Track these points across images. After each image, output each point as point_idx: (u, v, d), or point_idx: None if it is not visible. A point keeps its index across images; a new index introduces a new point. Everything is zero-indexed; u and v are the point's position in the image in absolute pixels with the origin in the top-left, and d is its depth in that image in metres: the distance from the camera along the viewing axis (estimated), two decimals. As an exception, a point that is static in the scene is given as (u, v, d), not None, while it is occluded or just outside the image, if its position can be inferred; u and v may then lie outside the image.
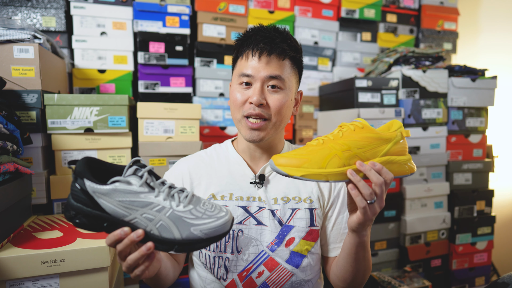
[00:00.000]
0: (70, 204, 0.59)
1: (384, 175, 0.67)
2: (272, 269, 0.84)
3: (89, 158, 0.62)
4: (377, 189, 0.66)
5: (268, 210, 0.86)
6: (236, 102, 0.84)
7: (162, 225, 0.58)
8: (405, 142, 0.73)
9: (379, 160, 0.69)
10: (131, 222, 0.59)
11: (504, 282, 0.89)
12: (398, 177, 0.71)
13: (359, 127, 0.70)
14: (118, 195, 0.58)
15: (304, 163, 0.66)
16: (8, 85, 1.08)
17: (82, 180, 0.58)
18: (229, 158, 0.93)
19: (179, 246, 0.59)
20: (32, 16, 1.44)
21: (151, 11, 1.55)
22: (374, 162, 0.68)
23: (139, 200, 0.58)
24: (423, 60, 1.68)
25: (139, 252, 0.59)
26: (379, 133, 0.70)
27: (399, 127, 0.72)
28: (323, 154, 0.67)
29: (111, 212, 0.58)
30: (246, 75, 0.82)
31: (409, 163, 0.72)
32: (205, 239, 0.59)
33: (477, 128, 1.74)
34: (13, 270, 0.80)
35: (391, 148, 0.70)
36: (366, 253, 0.80)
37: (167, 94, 1.61)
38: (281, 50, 0.82)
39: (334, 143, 0.68)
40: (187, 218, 0.59)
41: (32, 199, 1.12)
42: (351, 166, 0.68)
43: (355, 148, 0.68)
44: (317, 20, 1.84)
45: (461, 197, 1.71)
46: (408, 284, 1.47)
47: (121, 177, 0.59)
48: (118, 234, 0.58)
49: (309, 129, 1.87)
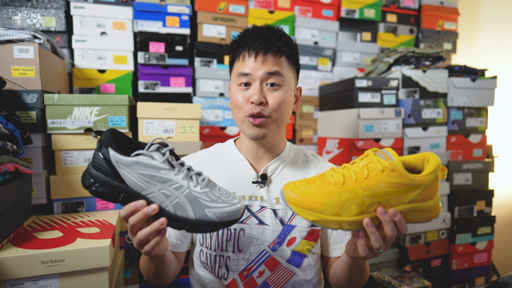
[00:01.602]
0: (90, 172, 0.61)
1: (400, 228, 0.61)
2: (273, 268, 0.84)
3: (114, 131, 0.64)
4: (387, 240, 0.62)
5: (270, 210, 0.86)
6: (238, 104, 0.84)
7: (178, 202, 0.60)
8: (438, 182, 0.62)
9: (403, 208, 0.60)
10: (148, 197, 0.60)
11: (504, 282, 0.89)
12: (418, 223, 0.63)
13: (388, 169, 0.59)
14: (140, 168, 0.59)
15: (319, 207, 0.59)
16: (8, 85, 1.08)
17: (106, 149, 0.60)
18: (232, 157, 0.93)
19: (191, 225, 0.60)
20: (32, 16, 1.44)
21: (151, 11, 1.55)
22: (396, 211, 0.59)
23: (159, 175, 0.60)
24: (423, 60, 1.68)
25: (151, 227, 0.60)
26: (411, 179, 0.59)
27: (436, 168, 0.60)
28: (341, 199, 0.59)
29: (131, 183, 0.60)
30: (244, 74, 0.82)
31: (434, 208, 0.62)
32: (217, 222, 0.60)
33: (477, 128, 1.74)
34: (13, 270, 0.79)
35: (421, 193, 0.60)
36: (362, 270, 0.81)
37: (167, 94, 1.60)
38: (277, 48, 0.82)
39: (356, 185, 0.60)
40: (202, 199, 0.60)
41: (32, 199, 1.12)
42: (369, 213, 0.60)
43: (379, 195, 0.59)
44: (317, 20, 1.84)
45: (461, 197, 1.71)
46: (408, 284, 1.47)
47: (145, 151, 0.61)
48: (134, 206, 0.59)
49: (309, 129, 1.87)
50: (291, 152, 0.95)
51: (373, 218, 0.60)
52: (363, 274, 0.83)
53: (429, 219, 0.63)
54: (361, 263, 0.78)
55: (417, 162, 0.65)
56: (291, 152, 0.95)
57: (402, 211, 0.61)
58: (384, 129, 1.56)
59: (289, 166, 0.92)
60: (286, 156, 0.93)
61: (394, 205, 0.60)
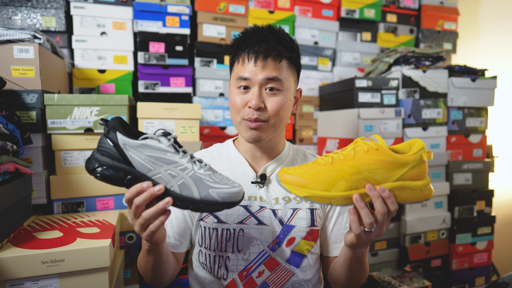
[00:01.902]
0: (96, 157, 0.63)
1: (389, 205, 0.63)
2: (272, 268, 0.85)
3: (121, 118, 0.67)
4: (379, 218, 0.64)
5: (269, 210, 0.86)
6: (236, 106, 0.83)
7: (183, 182, 0.63)
8: (425, 164, 0.66)
9: (391, 186, 0.64)
10: (153, 178, 0.63)
11: (504, 282, 0.89)
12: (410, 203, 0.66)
13: (373, 149, 0.64)
14: (147, 150, 0.63)
15: (309, 183, 0.64)
16: (8, 85, 1.08)
17: (114, 133, 0.63)
18: (231, 157, 0.93)
19: (195, 205, 0.63)
20: (32, 16, 1.44)
21: (151, 11, 1.55)
22: (384, 187, 0.63)
23: (165, 157, 0.63)
24: (423, 60, 1.68)
25: (157, 206, 0.61)
26: (395, 157, 0.63)
27: (420, 149, 0.65)
28: (329, 175, 0.64)
29: (137, 165, 0.62)
30: (243, 78, 0.82)
31: (425, 189, 0.65)
32: (220, 202, 0.63)
33: (477, 128, 1.74)
34: (13, 270, 0.80)
35: (407, 172, 0.64)
36: (361, 265, 0.81)
37: (167, 94, 1.61)
38: (277, 52, 0.81)
39: (343, 164, 0.64)
40: (206, 180, 0.64)
41: (32, 199, 1.12)
42: (358, 190, 0.63)
43: (366, 171, 0.63)
44: (317, 20, 1.84)
45: (461, 197, 1.71)
46: (408, 284, 1.47)
47: (153, 135, 0.64)
48: (140, 186, 0.61)
49: (309, 129, 1.87)
50: (290, 152, 0.95)
51: (363, 195, 0.63)
52: (363, 270, 0.82)
53: (420, 199, 0.65)
54: (360, 257, 0.77)
55: (404, 148, 0.69)
56: (290, 152, 0.95)
57: (391, 189, 0.64)
58: (384, 129, 1.56)
59: (288, 166, 0.92)
60: (285, 156, 0.93)
61: (382, 182, 0.64)
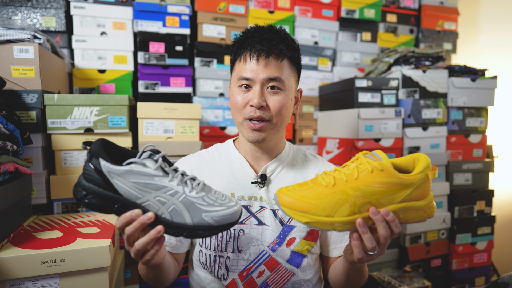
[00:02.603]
0: (82, 184, 0.59)
1: (393, 228, 0.61)
2: (272, 268, 0.85)
3: (104, 140, 0.62)
4: (381, 240, 0.62)
5: (269, 210, 0.86)
6: (237, 105, 0.83)
7: (174, 209, 0.59)
8: (430, 182, 0.63)
9: (395, 208, 0.61)
10: (143, 205, 0.59)
11: (504, 282, 0.89)
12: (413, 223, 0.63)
13: (378, 169, 0.60)
14: (133, 177, 0.58)
15: (311, 208, 0.60)
16: (8, 85, 1.08)
17: (97, 159, 0.58)
18: (231, 157, 0.93)
19: (189, 231, 0.59)
20: (32, 16, 1.44)
21: (151, 11, 1.55)
22: (388, 210, 0.60)
23: (153, 183, 0.59)
24: (423, 60, 1.68)
25: (148, 236, 0.59)
26: (400, 178, 0.60)
27: (425, 168, 0.61)
28: (332, 199, 0.60)
29: (124, 193, 0.58)
30: (245, 78, 0.82)
31: (427, 207, 0.62)
32: (215, 226, 0.59)
33: (477, 128, 1.74)
34: (13, 270, 0.79)
35: (412, 193, 0.61)
36: (361, 273, 0.82)
37: (167, 94, 1.60)
38: (279, 51, 0.81)
39: (347, 186, 0.61)
40: (199, 204, 0.60)
41: (32, 199, 1.12)
42: (362, 214, 0.61)
43: (370, 195, 0.60)
44: (317, 20, 1.84)
45: (461, 197, 1.71)
46: (408, 284, 1.47)
47: (137, 159, 0.60)
48: (129, 216, 0.58)
49: (309, 129, 1.87)
50: (290, 153, 0.95)
51: (366, 219, 0.61)
52: (362, 277, 0.83)
53: (423, 218, 0.63)
54: (360, 267, 0.78)
55: (408, 163, 0.65)
56: (290, 153, 0.95)
57: (395, 210, 0.61)
58: (384, 129, 1.56)
59: (288, 167, 0.92)
60: (285, 156, 0.93)
61: (386, 204, 0.61)
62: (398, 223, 0.62)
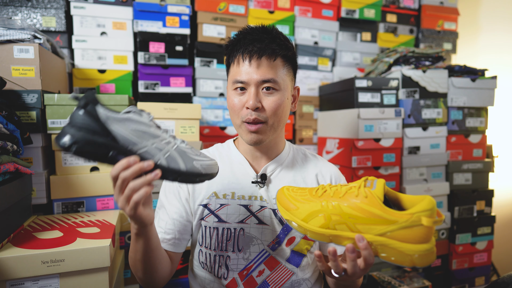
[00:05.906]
0: (70, 133, 0.58)
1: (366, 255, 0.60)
2: (272, 268, 0.85)
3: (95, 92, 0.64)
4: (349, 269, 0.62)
5: (269, 209, 0.86)
6: (234, 108, 0.84)
7: (170, 155, 0.63)
8: (426, 229, 0.56)
9: (372, 238, 0.59)
10: (139, 152, 0.62)
11: (504, 282, 0.89)
12: (395, 264, 0.59)
13: (362, 195, 0.60)
14: (132, 124, 0.62)
15: (293, 209, 0.66)
16: (8, 85, 1.08)
17: (93, 106, 0.60)
18: (231, 157, 0.93)
19: (183, 176, 0.64)
20: (32, 16, 1.44)
21: (151, 11, 1.55)
22: (362, 237, 0.59)
23: (150, 131, 0.63)
24: (423, 60, 1.68)
25: (145, 178, 0.60)
26: (384, 211, 0.58)
27: (421, 211, 0.56)
28: (311, 207, 0.64)
29: (121, 139, 0.61)
30: (239, 81, 0.82)
31: (420, 255, 0.56)
32: (203, 173, 0.65)
33: (477, 128, 1.74)
34: (13, 270, 0.80)
35: (396, 232, 0.57)
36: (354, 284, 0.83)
37: (167, 94, 1.61)
38: (271, 51, 0.80)
39: (329, 201, 0.63)
40: (189, 153, 0.66)
41: (32, 199, 1.12)
42: (335, 231, 0.62)
43: (347, 216, 0.60)
44: (317, 20, 1.84)
45: (461, 197, 1.71)
46: (408, 284, 1.47)
47: (135, 108, 0.64)
48: (127, 161, 0.59)
49: (309, 129, 1.87)
50: (290, 152, 0.95)
51: (339, 238, 0.62)
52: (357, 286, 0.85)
53: (406, 263, 0.58)
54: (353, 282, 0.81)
55: (412, 202, 0.62)
56: (290, 152, 0.95)
57: (371, 241, 0.59)
58: (384, 129, 1.56)
59: (288, 166, 0.92)
60: (285, 156, 0.93)
61: (363, 232, 0.60)
62: (370, 253, 0.60)
